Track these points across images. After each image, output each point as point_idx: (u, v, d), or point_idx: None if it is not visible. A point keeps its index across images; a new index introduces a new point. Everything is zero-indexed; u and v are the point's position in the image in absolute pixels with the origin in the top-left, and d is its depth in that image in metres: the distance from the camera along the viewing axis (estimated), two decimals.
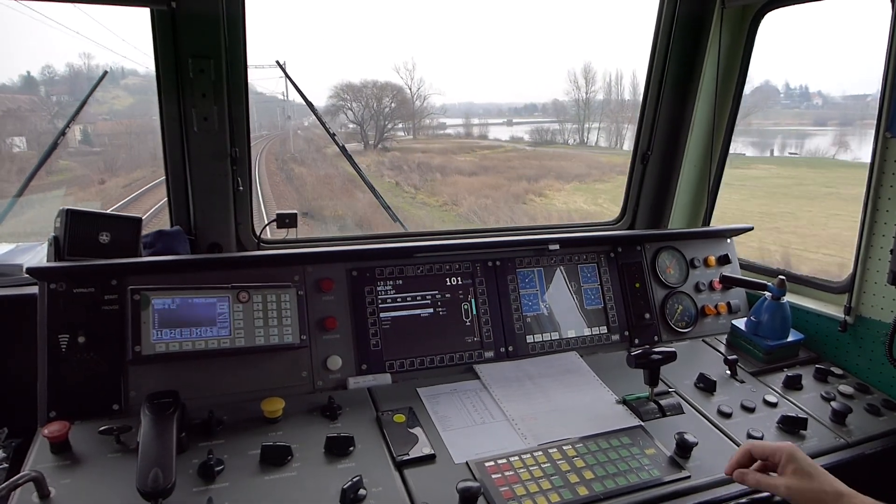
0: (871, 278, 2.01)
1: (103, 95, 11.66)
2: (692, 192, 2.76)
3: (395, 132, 19.91)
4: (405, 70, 20.72)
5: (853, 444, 1.70)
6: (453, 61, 37.09)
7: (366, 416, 1.68)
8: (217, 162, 2.14)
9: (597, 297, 2.22)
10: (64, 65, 12.71)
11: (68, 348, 1.61)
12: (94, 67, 10.59)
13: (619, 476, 1.48)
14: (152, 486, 1.21)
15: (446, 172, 16.73)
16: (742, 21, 2.49)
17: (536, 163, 18.19)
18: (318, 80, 11.25)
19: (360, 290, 1.94)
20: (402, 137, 20.28)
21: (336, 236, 2.71)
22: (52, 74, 11.66)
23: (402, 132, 20.46)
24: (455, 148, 20.37)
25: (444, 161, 17.99)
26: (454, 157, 18.78)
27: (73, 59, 11.87)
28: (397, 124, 20.15)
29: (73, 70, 11.30)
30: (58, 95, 11.49)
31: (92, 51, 11.38)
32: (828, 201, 8.87)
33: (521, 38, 35.47)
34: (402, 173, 16.54)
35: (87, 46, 13.66)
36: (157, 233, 2.08)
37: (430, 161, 17.63)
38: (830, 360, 2.14)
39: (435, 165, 17.29)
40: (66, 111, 11.01)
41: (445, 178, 16.27)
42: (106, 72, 2.37)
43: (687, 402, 1.84)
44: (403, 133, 20.50)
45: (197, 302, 1.68)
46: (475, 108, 23.82)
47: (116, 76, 11.35)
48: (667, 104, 2.63)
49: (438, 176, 16.35)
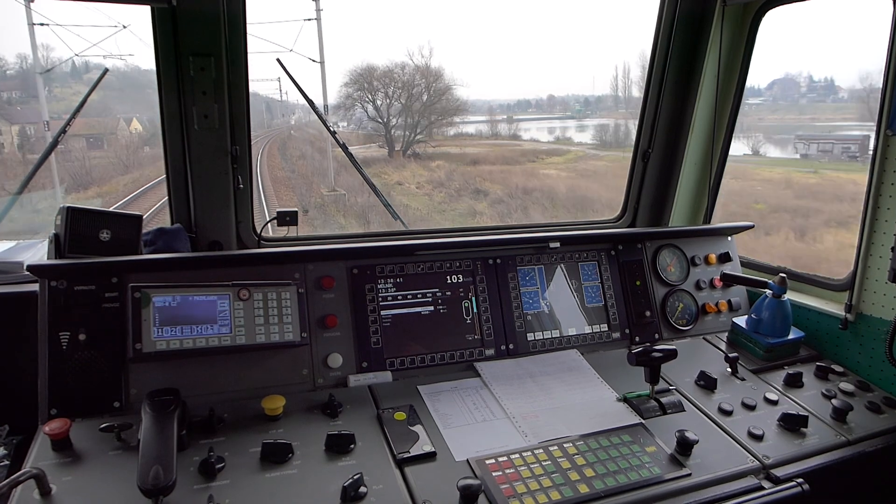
0: (871, 276, 2.00)
1: (62, 91, 10.70)
2: (693, 189, 2.75)
3: (433, 132, 15.65)
4: (420, 56, 16.49)
5: (854, 442, 1.70)
6: (472, 50, 33.03)
7: (366, 414, 1.68)
8: (217, 159, 2.14)
9: (597, 295, 2.22)
10: (15, 56, 11.40)
11: (69, 346, 1.61)
12: (54, 60, 9.27)
13: (619, 474, 1.48)
14: (153, 483, 1.22)
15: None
16: (743, 19, 2.48)
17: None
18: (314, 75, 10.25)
19: (360, 288, 1.94)
20: (439, 139, 16.04)
21: (337, 234, 2.72)
22: (3, 66, 10.61)
23: (433, 131, 16.05)
24: (514, 155, 14.76)
25: (524, 178, 12.07)
26: (533, 168, 12.99)
27: (25, 49, 9.99)
28: (436, 121, 15.50)
29: (25, 64, 10.01)
30: (8, 92, 10.58)
31: (51, 42, 10.31)
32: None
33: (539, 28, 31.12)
34: (473, 197, 10.88)
35: (48, 37, 12.56)
36: (157, 230, 2.08)
37: (505, 177, 11.92)
38: (831, 357, 2.14)
39: (522, 186, 11.44)
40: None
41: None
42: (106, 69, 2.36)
43: (687, 400, 1.84)
44: (424, 134, 16.05)
45: (197, 300, 1.68)
46: (493, 104, 20.19)
47: (80, 70, 10.12)
48: (668, 102, 2.63)
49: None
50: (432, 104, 14.84)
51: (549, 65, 31.47)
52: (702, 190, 2.74)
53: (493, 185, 12.40)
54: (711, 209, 2.69)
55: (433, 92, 14.79)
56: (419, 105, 14.82)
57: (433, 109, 14.99)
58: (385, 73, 14.32)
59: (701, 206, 2.76)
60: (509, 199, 11.40)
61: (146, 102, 14.02)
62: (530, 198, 11.45)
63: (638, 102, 2.69)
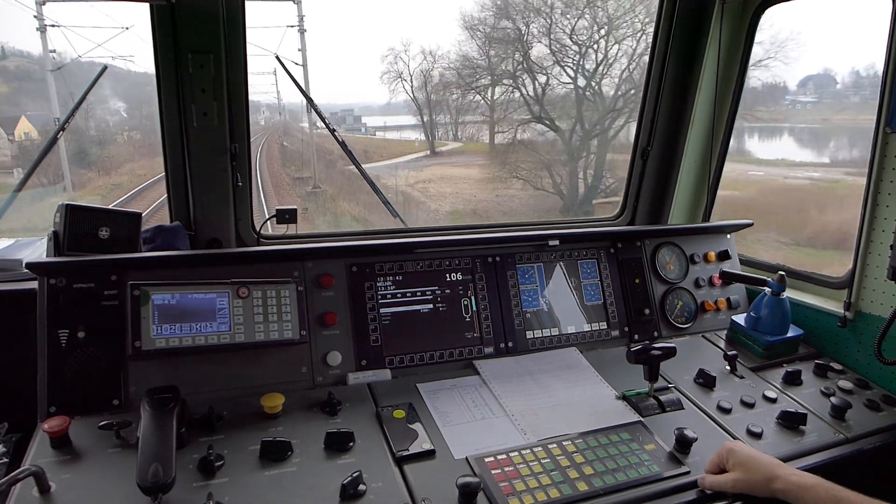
0: (870, 274, 2.01)
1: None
2: (692, 187, 2.75)
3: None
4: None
5: (853, 440, 1.70)
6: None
7: (365, 412, 1.68)
8: (216, 157, 2.13)
9: (596, 293, 2.22)
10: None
11: (68, 343, 1.61)
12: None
13: (618, 472, 1.48)
14: (152, 481, 1.22)
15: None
16: (742, 16, 2.48)
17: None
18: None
19: (359, 286, 1.94)
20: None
21: (336, 232, 2.71)
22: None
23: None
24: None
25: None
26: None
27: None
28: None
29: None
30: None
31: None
32: None
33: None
34: None
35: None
36: (156, 228, 2.08)
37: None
38: (830, 355, 2.14)
39: None
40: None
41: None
42: (105, 66, 2.36)
43: (686, 398, 1.84)
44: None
45: (197, 297, 1.68)
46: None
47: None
48: (667, 100, 2.63)
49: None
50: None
51: None
52: (701, 188, 2.74)
53: None
54: (711, 207, 2.69)
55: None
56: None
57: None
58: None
59: (700, 203, 2.76)
60: None
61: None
62: None
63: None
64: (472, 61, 12.54)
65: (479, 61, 12.43)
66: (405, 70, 13.47)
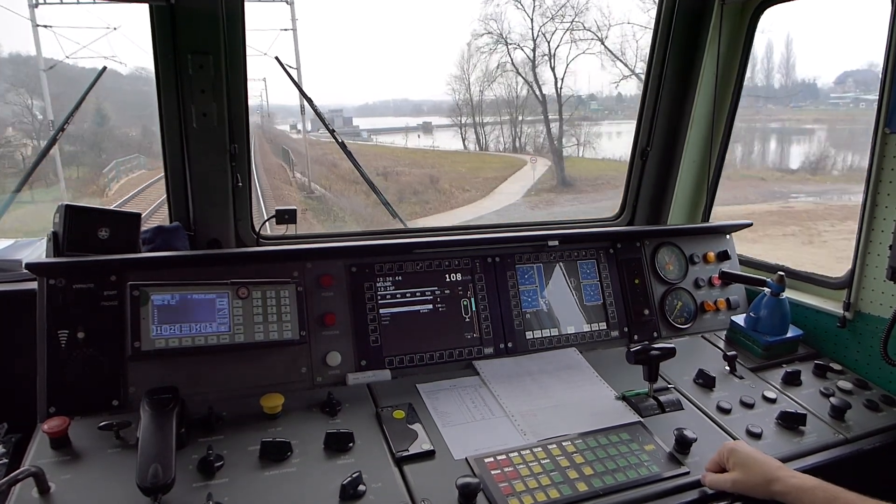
0: (870, 274, 2.01)
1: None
2: (692, 188, 2.76)
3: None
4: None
5: (852, 440, 1.71)
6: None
7: (365, 412, 1.68)
8: (216, 158, 2.13)
9: (596, 294, 2.22)
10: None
11: (68, 344, 1.61)
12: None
13: (618, 472, 1.48)
14: (152, 481, 1.22)
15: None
16: (742, 16, 2.48)
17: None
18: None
19: (359, 286, 1.94)
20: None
21: (335, 232, 2.71)
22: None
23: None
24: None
25: None
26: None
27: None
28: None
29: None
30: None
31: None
32: None
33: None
34: None
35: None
36: (156, 229, 2.08)
37: None
38: (829, 355, 2.14)
39: None
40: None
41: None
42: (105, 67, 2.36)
43: (686, 398, 1.84)
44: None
45: (196, 298, 1.68)
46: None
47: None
48: (666, 100, 2.63)
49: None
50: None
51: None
52: (700, 188, 2.74)
53: None
54: (710, 207, 2.70)
55: None
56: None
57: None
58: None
59: (699, 204, 2.76)
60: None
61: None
62: None
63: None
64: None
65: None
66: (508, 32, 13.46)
